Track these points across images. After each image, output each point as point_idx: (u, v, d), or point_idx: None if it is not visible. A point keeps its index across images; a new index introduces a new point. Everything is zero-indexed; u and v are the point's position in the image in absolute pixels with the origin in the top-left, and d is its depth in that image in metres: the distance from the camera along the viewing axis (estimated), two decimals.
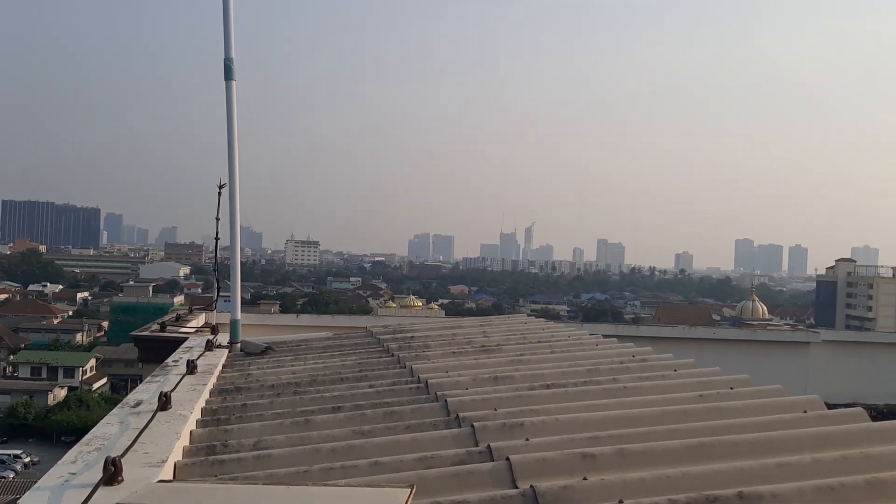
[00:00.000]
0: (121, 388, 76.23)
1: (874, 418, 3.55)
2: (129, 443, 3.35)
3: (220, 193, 8.01)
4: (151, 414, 3.92)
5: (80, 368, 72.67)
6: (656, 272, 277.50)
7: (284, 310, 65.13)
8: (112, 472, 2.84)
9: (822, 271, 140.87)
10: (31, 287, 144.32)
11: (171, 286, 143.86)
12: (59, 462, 3.22)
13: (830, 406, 3.84)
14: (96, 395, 67.36)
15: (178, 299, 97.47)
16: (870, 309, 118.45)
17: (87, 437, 3.61)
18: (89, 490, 2.71)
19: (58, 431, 58.54)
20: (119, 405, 4.35)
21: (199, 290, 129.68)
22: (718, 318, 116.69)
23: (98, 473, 2.92)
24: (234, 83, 7.41)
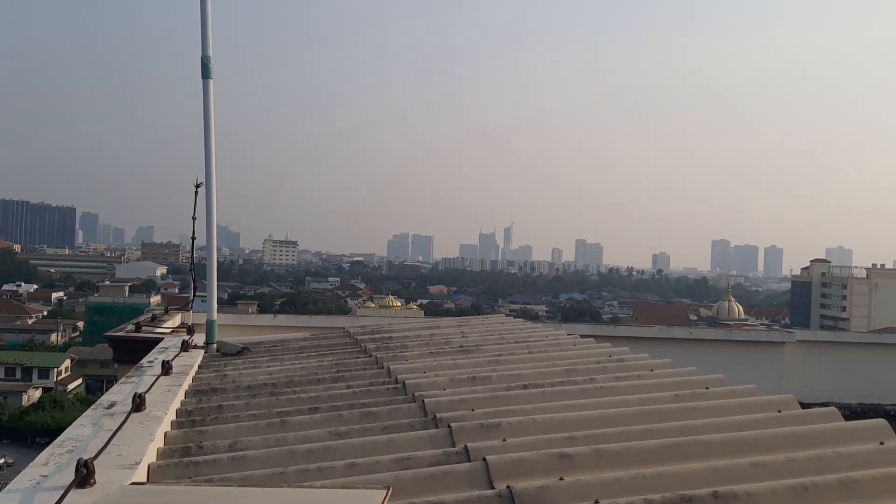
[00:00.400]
0: (96, 389, 75.48)
1: (847, 418, 3.58)
2: (102, 445, 3.31)
3: (196, 192, 7.95)
4: (125, 415, 3.88)
5: (55, 369, 71.95)
6: (634, 272, 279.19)
7: (262, 310, 64.86)
8: (84, 475, 2.80)
9: (797, 272, 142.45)
10: (5, 287, 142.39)
11: (148, 286, 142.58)
12: (30, 464, 3.18)
13: (804, 406, 3.87)
14: (71, 396, 66.69)
15: (155, 299, 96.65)
16: (844, 309, 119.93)
17: (59, 438, 3.56)
18: (61, 493, 2.68)
19: (32, 433, 57.90)
20: (92, 406, 4.29)
21: (176, 290, 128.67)
22: (695, 318, 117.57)
23: (70, 476, 2.88)
24: (211, 81, 7.36)
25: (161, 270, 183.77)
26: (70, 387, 71.22)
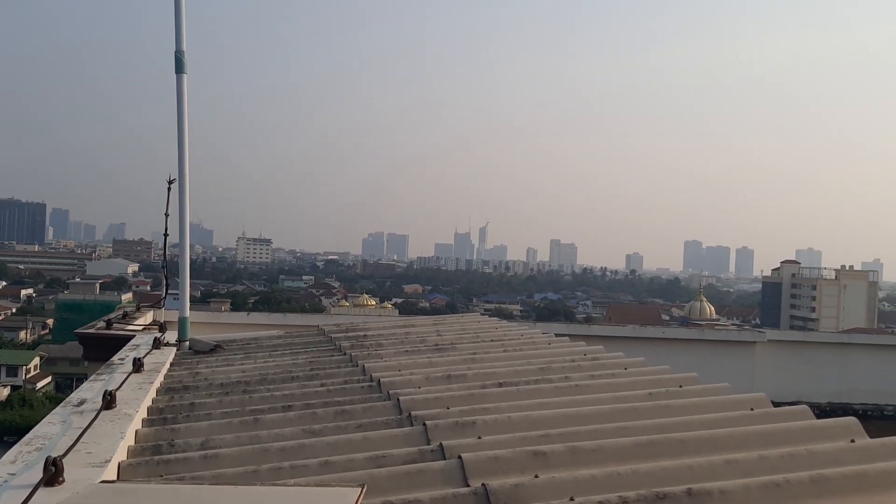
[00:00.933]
0: (66, 387, 74.39)
1: (817, 416, 3.62)
2: (72, 442, 3.26)
3: (169, 189, 7.87)
4: (95, 413, 3.82)
5: (24, 367, 70.93)
6: (608, 272, 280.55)
7: (235, 308, 64.45)
8: (53, 473, 2.76)
9: (768, 273, 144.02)
10: None
11: (119, 283, 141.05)
12: None
13: (775, 404, 3.91)
14: (40, 394, 65.70)
15: (126, 297, 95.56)
16: (813, 310, 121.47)
17: (27, 436, 3.50)
18: (28, 491, 2.63)
19: (0, 431, 56.98)
20: (62, 404, 4.23)
21: (148, 288, 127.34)
22: (668, 317, 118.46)
23: (38, 474, 2.83)
24: (185, 76, 7.30)
25: (133, 268, 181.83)
26: (39, 385, 70.18)
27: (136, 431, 3.91)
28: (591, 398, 4.13)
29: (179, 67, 7.26)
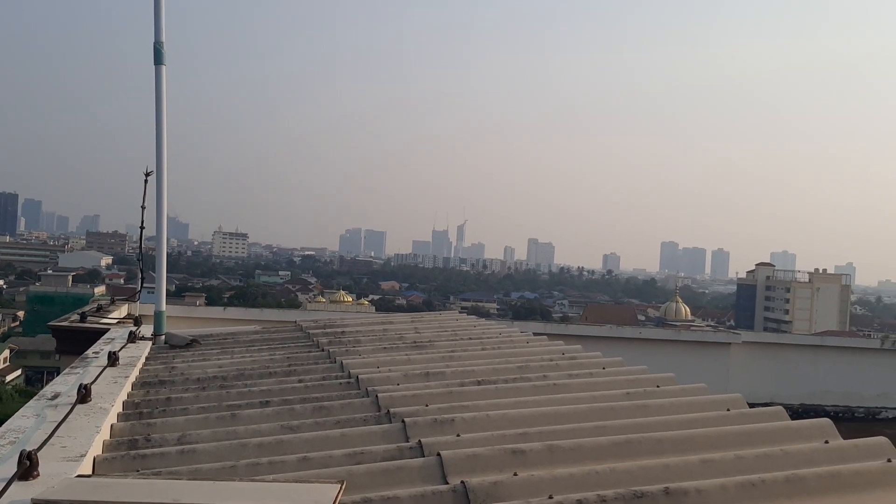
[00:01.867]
0: (36, 380, 73.44)
1: (790, 418, 3.66)
2: (46, 436, 3.22)
3: (146, 181, 7.79)
4: (70, 407, 3.78)
5: None
6: (584, 272, 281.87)
7: (210, 302, 63.95)
8: (27, 467, 2.72)
9: (743, 275, 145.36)
10: None
11: (93, 276, 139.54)
12: None
13: (749, 405, 3.95)
14: (9, 387, 64.69)
15: (100, 290, 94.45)
16: (787, 312, 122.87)
17: (0, 430, 3.45)
18: (2, 485, 2.59)
19: None
20: (35, 397, 4.18)
21: (122, 281, 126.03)
22: (643, 318, 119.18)
23: (12, 468, 2.79)
24: (164, 68, 7.22)
25: (106, 260, 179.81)
26: (8, 378, 69.14)
27: (112, 426, 3.88)
28: (569, 397, 4.15)
29: (158, 59, 7.17)
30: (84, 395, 3.97)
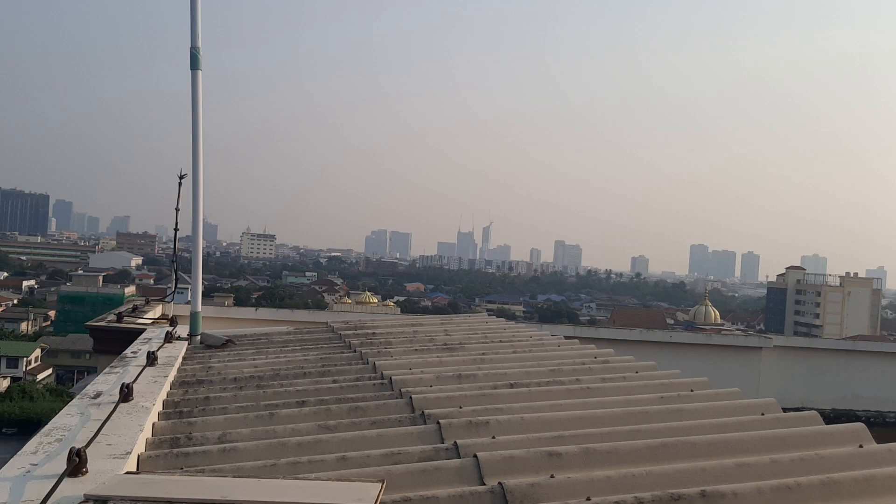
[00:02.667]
0: (67, 379, 74.47)
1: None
2: (92, 434, 3.31)
3: (180, 183, 7.91)
4: (113, 405, 3.87)
5: (25, 358, 70.97)
6: (612, 275, 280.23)
7: (238, 303, 64.53)
8: (77, 464, 2.80)
9: (773, 278, 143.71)
10: None
11: (123, 276, 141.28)
12: (18, 453, 3.17)
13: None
14: (41, 386, 65.68)
15: (130, 290, 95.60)
16: (817, 316, 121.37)
17: (46, 427, 3.55)
18: (53, 481, 2.67)
19: None
20: (78, 396, 4.28)
21: (152, 282, 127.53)
22: (672, 321, 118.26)
23: (61, 465, 2.88)
24: (199, 73, 7.32)
25: (136, 261, 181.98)
26: (40, 377, 70.21)
27: (154, 424, 3.97)
28: (603, 401, 4.18)
29: (195, 64, 7.28)
30: (126, 394, 4.07)
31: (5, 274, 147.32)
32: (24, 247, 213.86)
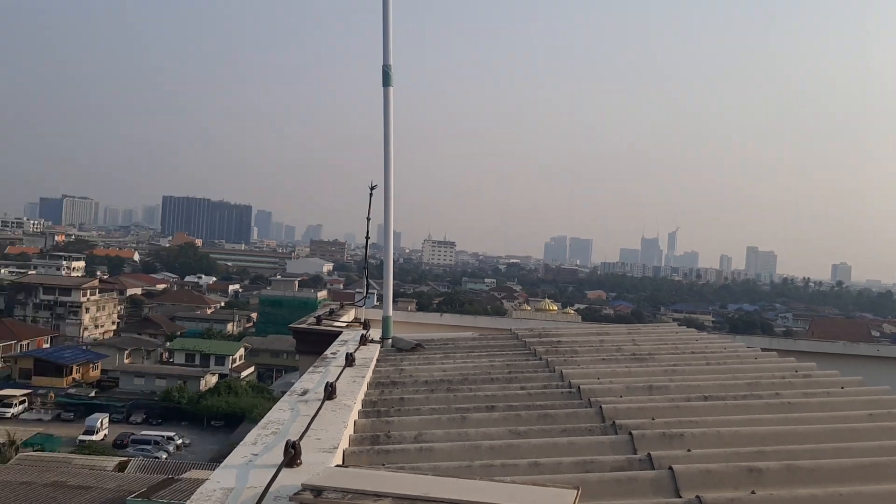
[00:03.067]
0: (266, 377, 79.76)
1: None
2: (303, 429, 3.56)
3: (371, 194, 8.28)
4: (319, 402, 4.14)
5: (230, 357, 76.52)
6: (811, 283, 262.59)
7: (420, 308, 66.37)
8: (292, 455, 3.04)
9: None
10: (187, 278, 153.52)
11: (315, 281, 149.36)
12: (241, 443, 3.47)
13: None
14: (244, 383, 70.69)
15: (322, 294, 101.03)
16: None
17: (263, 420, 3.86)
18: (272, 470, 2.92)
19: (208, 416, 61.82)
20: (288, 393, 4.61)
21: (341, 286, 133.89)
22: (878, 334, 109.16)
23: (277, 455, 3.13)
24: (391, 89, 7.63)
25: (328, 267, 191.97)
26: (243, 374, 75.51)
27: (355, 422, 4.20)
28: (805, 417, 3.98)
29: (386, 81, 7.60)
30: (330, 392, 4.34)
31: (214, 278, 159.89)
32: (229, 254, 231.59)
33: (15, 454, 44.77)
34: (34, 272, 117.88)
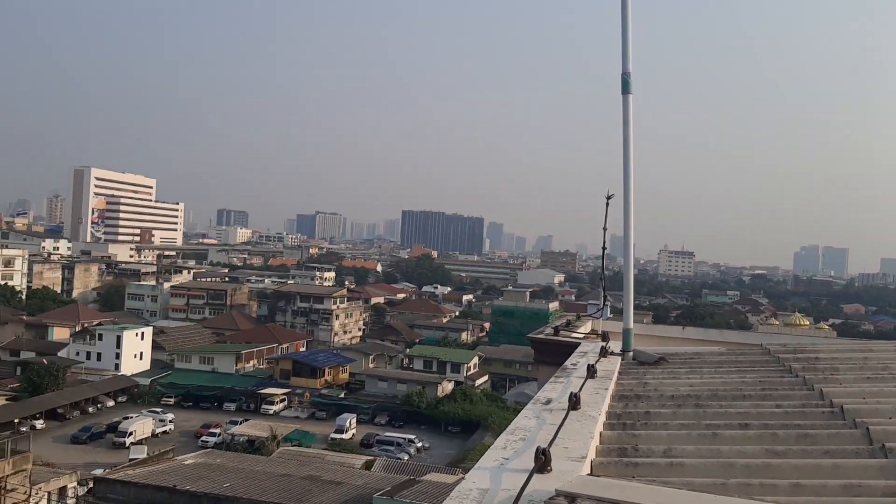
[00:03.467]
0: (500, 386, 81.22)
1: None
2: (550, 437, 3.63)
3: (607, 204, 8.22)
4: (564, 412, 4.19)
5: (465, 365, 78.72)
6: None
7: (656, 321, 64.47)
8: (543, 462, 3.12)
9: None
10: (424, 288, 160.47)
11: (547, 292, 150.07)
12: (491, 447, 3.61)
13: None
14: (479, 390, 72.46)
15: (553, 305, 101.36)
16: None
17: (510, 427, 3.99)
18: (524, 475, 3.01)
19: (445, 421, 64.00)
20: (532, 401, 4.72)
21: (573, 298, 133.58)
22: None
23: (526, 461, 3.23)
24: (630, 97, 7.54)
25: (559, 278, 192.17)
26: (477, 382, 77.37)
27: (601, 433, 4.21)
28: None
29: (625, 88, 7.52)
30: (574, 402, 4.38)
31: (449, 288, 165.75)
32: (463, 265, 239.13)
33: (276, 448, 49.22)
34: (292, 282, 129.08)
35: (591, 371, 5.61)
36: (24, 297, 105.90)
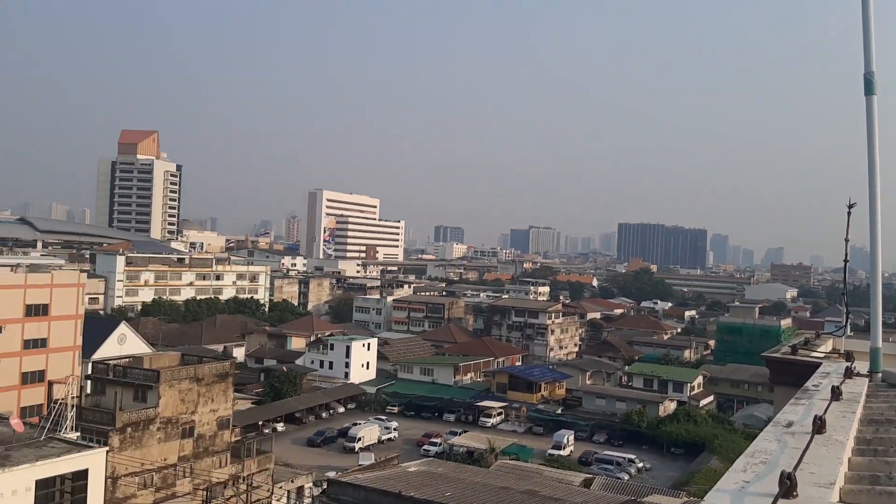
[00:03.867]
0: (726, 407, 77.09)
1: None
2: (794, 461, 3.45)
3: (849, 213, 7.71)
4: (808, 436, 3.96)
5: (688, 384, 75.66)
6: None
7: None
8: (788, 486, 2.97)
9: None
10: (643, 303, 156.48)
11: (778, 308, 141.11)
12: (730, 469, 3.49)
13: None
14: (703, 411, 69.28)
15: (785, 322, 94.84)
16: None
17: (749, 449, 3.83)
18: (767, 499, 2.90)
19: (667, 442, 61.77)
20: (771, 423, 4.50)
21: (807, 314, 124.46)
22: None
23: (769, 485, 3.09)
24: (874, 98, 7.05)
25: (791, 293, 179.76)
26: (702, 402, 74.04)
27: (849, 459, 3.94)
28: None
29: (869, 89, 7.05)
30: (819, 426, 4.12)
31: (670, 304, 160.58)
32: (685, 279, 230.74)
33: (495, 460, 49.97)
34: (507, 296, 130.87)
35: (836, 393, 5.24)
36: (266, 309, 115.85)
